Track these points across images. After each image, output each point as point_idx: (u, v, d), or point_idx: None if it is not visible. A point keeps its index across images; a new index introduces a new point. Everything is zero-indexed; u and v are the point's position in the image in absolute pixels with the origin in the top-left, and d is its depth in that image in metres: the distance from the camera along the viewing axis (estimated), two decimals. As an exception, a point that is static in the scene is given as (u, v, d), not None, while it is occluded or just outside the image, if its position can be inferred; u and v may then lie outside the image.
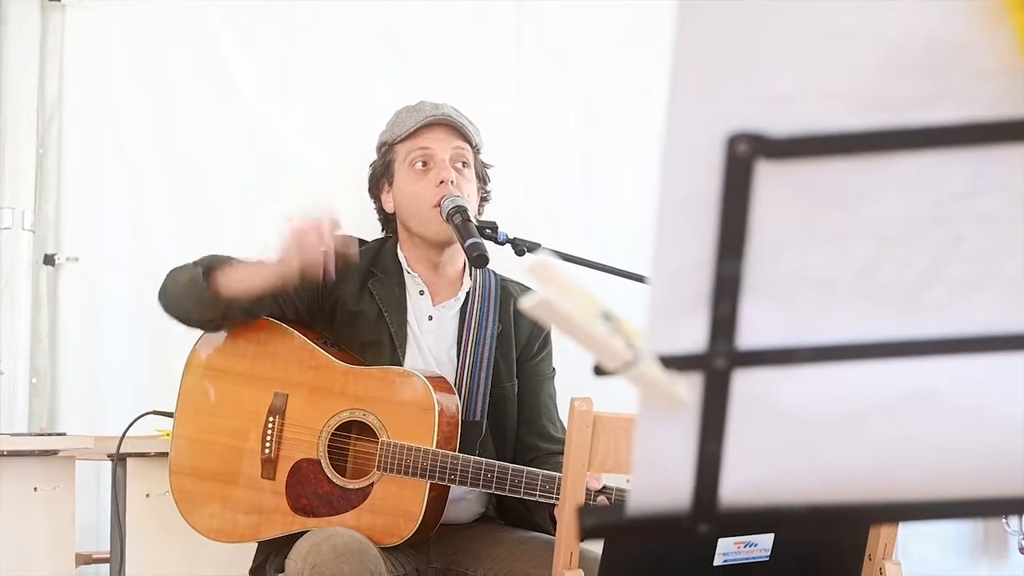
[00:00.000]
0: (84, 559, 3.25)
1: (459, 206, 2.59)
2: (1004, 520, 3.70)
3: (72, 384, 3.66)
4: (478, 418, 2.63)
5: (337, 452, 2.58)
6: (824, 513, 0.85)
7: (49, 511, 2.93)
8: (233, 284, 2.51)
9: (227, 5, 3.80)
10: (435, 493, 2.52)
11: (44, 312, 3.68)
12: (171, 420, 2.75)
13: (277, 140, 3.81)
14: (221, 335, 2.68)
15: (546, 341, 2.79)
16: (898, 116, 0.75)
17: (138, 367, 3.59)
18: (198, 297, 2.52)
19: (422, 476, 2.49)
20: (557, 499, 2.39)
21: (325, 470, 2.57)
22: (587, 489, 2.26)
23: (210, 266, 2.52)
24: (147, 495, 3.02)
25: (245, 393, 2.66)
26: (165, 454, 2.85)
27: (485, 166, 2.80)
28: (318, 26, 3.84)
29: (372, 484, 2.54)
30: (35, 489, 2.91)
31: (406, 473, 2.50)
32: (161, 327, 3.62)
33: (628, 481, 2.39)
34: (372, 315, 2.66)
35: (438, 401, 2.52)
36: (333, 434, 2.57)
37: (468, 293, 2.73)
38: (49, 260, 3.68)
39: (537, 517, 2.68)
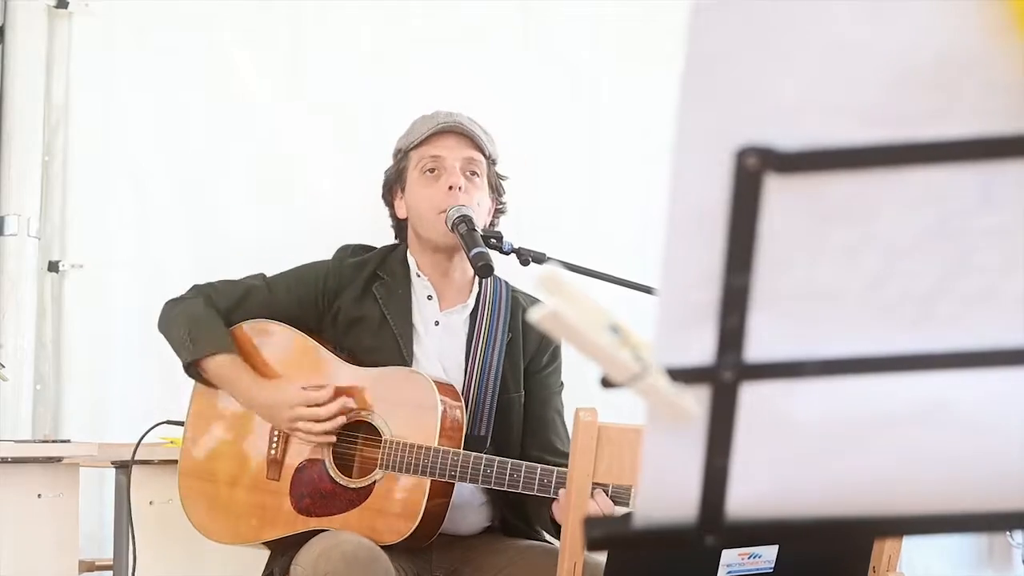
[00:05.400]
0: (87, 566, 3.24)
1: (464, 215, 2.60)
2: (1008, 532, 3.70)
3: (76, 391, 3.66)
4: (482, 433, 2.63)
5: (345, 453, 2.60)
6: (832, 526, 0.85)
7: (53, 518, 2.92)
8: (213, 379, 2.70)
9: (233, 10, 3.80)
10: (436, 496, 2.52)
11: (48, 319, 3.68)
12: (182, 429, 2.76)
13: (284, 145, 3.81)
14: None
15: (555, 354, 2.79)
16: (908, 130, 0.75)
17: (143, 374, 3.59)
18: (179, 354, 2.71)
19: (423, 474, 2.50)
20: (555, 496, 2.40)
21: (328, 470, 2.58)
22: None
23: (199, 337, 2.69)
24: (150, 503, 3.02)
25: None
26: (169, 462, 2.85)
27: (500, 177, 2.80)
28: (325, 29, 3.84)
29: (374, 483, 2.55)
30: (39, 496, 2.91)
31: (408, 471, 2.51)
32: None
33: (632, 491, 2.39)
34: (374, 319, 2.67)
35: (441, 400, 2.52)
36: (340, 435, 2.59)
37: (478, 300, 2.73)
38: (54, 267, 3.68)
39: (538, 529, 2.68)
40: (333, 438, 2.58)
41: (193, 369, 2.68)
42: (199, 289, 2.77)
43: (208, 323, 2.69)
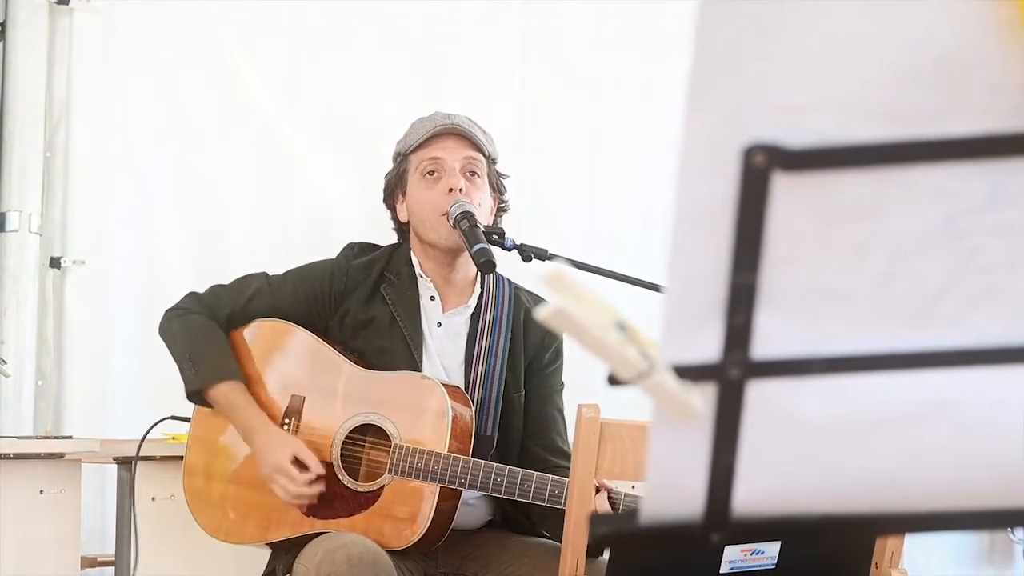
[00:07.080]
0: (89, 562, 3.25)
1: (466, 211, 2.59)
2: (1010, 529, 3.70)
3: (78, 387, 3.67)
4: (489, 432, 2.62)
5: (351, 455, 2.59)
6: (836, 523, 0.85)
7: (55, 514, 2.93)
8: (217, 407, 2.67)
9: (234, 9, 3.81)
10: (445, 500, 2.51)
11: (50, 315, 3.68)
12: (187, 424, 2.75)
13: (284, 143, 3.82)
14: (238, 337, 2.72)
15: (557, 353, 2.77)
16: (914, 128, 0.75)
17: (144, 370, 3.59)
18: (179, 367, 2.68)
19: (433, 480, 2.49)
20: (565, 507, 2.39)
21: (337, 472, 2.57)
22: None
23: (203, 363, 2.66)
24: (152, 499, 3.02)
25: (262, 395, 2.67)
26: (171, 458, 2.85)
27: (501, 176, 2.79)
28: (324, 28, 3.84)
29: (383, 487, 2.54)
30: (41, 492, 2.91)
31: (417, 477, 2.50)
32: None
33: (633, 488, 2.39)
34: (384, 320, 2.66)
35: (452, 407, 2.52)
36: (348, 437, 2.58)
37: (480, 300, 2.73)
38: (55, 263, 3.69)
39: (541, 528, 2.68)
40: (305, 502, 2.57)
41: (196, 396, 2.67)
42: (199, 299, 2.72)
43: (211, 345, 2.66)
